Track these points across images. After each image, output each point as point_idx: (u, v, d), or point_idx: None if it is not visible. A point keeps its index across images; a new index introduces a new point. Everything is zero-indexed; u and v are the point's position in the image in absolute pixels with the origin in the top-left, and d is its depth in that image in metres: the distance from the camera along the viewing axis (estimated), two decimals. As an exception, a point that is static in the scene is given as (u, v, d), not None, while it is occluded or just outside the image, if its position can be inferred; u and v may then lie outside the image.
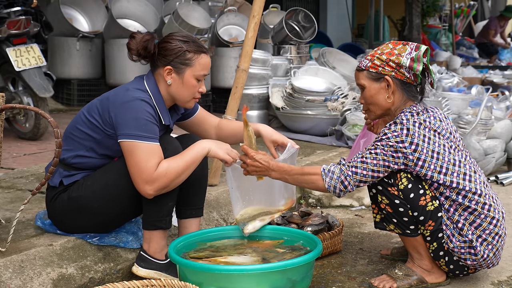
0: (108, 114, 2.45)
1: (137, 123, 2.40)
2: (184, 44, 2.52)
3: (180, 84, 2.53)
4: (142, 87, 2.51)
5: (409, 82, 2.53)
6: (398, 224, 2.53)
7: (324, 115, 5.66)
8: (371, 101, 2.59)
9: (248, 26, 3.58)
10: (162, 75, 2.53)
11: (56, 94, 6.73)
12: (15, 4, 4.88)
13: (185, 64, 2.51)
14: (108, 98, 2.50)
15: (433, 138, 2.45)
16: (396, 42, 2.59)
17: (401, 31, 12.44)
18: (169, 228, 2.55)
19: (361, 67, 2.59)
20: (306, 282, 2.36)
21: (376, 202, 2.59)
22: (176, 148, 2.50)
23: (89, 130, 2.51)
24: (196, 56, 2.53)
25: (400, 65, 2.50)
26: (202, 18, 7.20)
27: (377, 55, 2.55)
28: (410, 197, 2.46)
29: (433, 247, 2.51)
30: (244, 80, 3.60)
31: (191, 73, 2.53)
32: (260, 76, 6.06)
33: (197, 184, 2.67)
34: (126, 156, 2.41)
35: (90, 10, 7.49)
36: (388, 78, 2.52)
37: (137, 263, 2.54)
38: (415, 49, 2.51)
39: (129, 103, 2.42)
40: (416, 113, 2.51)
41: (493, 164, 4.68)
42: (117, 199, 2.50)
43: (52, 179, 2.55)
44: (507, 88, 8.45)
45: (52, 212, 2.60)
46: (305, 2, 12.75)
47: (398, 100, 2.55)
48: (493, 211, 2.48)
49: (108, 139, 2.49)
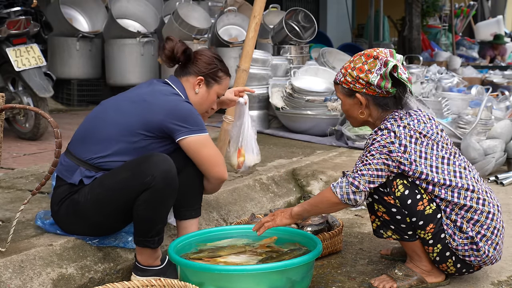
0: (156, 119, 2.50)
1: (196, 118, 2.56)
2: (219, 63, 2.73)
3: (206, 96, 2.72)
4: (176, 92, 2.62)
5: (382, 95, 2.53)
6: (396, 231, 2.53)
7: (324, 115, 5.66)
8: (347, 114, 2.66)
9: (249, 26, 3.58)
10: (192, 83, 2.68)
11: (56, 94, 6.73)
12: (15, 4, 4.87)
13: (215, 80, 2.72)
14: (145, 100, 2.54)
15: (420, 139, 2.46)
16: (369, 53, 2.54)
17: (401, 31, 12.45)
18: (158, 247, 2.52)
19: (336, 81, 2.62)
20: (305, 282, 2.36)
21: (372, 210, 2.58)
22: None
23: (119, 133, 2.51)
24: (224, 76, 2.77)
25: (369, 82, 2.49)
26: (202, 18, 7.20)
27: (349, 70, 2.54)
28: (407, 204, 2.46)
29: (438, 249, 2.51)
30: (245, 80, 3.60)
31: (217, 90, 2.75)
32: (260, 76, 6.06)
33: (194, 185, 2.67)
34: (196, 150, 2.55)
35: (90, 10, 7.49)
36: (358, 96, 2.53)
37: (134, 272, 2.55)
38: (384, 65, 2.47)
39: (181, 105, 2.55)
40: (399, 117, 2.51)
41: (493, 164, 4.68)
42: (108, 213, 2.48)
43: (72, 177, 2.52)
44: (507, 88, 8.46)
45: (58, 210, 2.56)
46: (305, 2, 12.75)
47: (374, 113, 2.57)
48: (487, 205, 2.48)
49: (144, 140, 2.52)
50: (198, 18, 7.15)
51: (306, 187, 4.05)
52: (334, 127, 5.53)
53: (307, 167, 4.32)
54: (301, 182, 4.11)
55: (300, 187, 4.08)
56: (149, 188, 2.38)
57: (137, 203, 2.40)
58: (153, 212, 2.43)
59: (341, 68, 2.61)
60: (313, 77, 6.25)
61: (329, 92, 5.90)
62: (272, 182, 3.91)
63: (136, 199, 2.40)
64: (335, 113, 5.60)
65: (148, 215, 2.42)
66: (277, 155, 4.76)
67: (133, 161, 2.47)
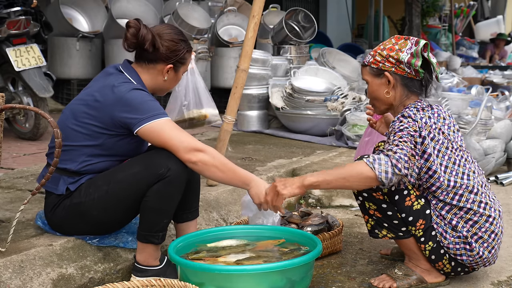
0: (108, 115, 2.43)
1: (147, 105, 2.42)
2: (184, 44, 2.59)
3: (173, 80, 2.64)
4: (127, 80, 2.50)
5: (410, 77, 2.54)
6: (390, 228, 2.53)
7: (324, 115, 5.66)
8: (373, 96, 2.62)
9: (248, 26, 3.58)
10: (160, 70, 2.57)
11: (56, 94, 6.73)
12: (15, 4, 4.87)
13: (182, 63, 2.62)
14: (97, 100, 2.46)
15: (437, 136, 2.46)
16: (399, 37, 2.59)
17: (401, 31, 12.45)
18: (161, 243, 2.53)
19: (364, 63, 2.62)
20: (305, 282, 2.36)
21: (364, 210, 2.58)
22: None
23: (83, 140, 2.48)
24: (188, 54, 2.64)
25: (399, 60, 2.51)
26: (202, 18, 7.20)
27: (379, 51, 2.57)
28: (395, 199, 2.47)
29: (429, 246, 2.51)
30: (244, 80, 3.60)
31: (183, 70, 2.66)
32: (260, 76, 6.06)
33: (191, 188, 2.67)
34: (154, 137, 2.40)
35: (90, 10, 7.49)
36: (387, 74, 2.53)
37: (133, 273, 2.55)
38: (415, 44, 2.51)
39: (128, 94, 2.42)
40: (421, 108, 2.51)
41: (493, 164, 4.68)
42: (117, 208, 2.49)
43: (57, 188, 2.52)
44: (507, 88, 8.46)
45: (52, 217, 2.58)
46: (305, 2, 12.74)
47: (399, 95, 2.56)
48: (489, 210, 2.48)
49: (110, 139, 2.48)
50: (198, 18, 7.15)
51: (306, 187, 4.05)
52: (334, 127, 5.53)
53: (307, 167, 4.32)
54: (301, 182, 4.10)
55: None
56: (163, 179, 2.39)
57: (148, 194, 2.42)
58: (163, 204, 2.44)
59: (370, 52, 2.64)
60: (313, 77, 6.26)
61: (329, 92, 5.91)
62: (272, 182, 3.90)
63: (147, 191, 2.41)
64: (335, 113, 5.60)
65: (158, 206, 2.43)
66: (277, 155, 4.76)
67: (142, 156, 2.49)
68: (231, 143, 4.33)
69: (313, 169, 4.25)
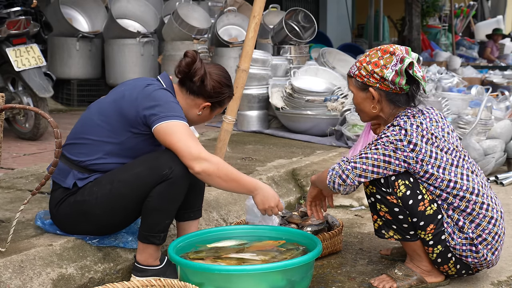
0: (134, 109, 2.46)
1: (170, 105, 2.47)
2: (228, 89, 2.67)
3: (206, 117, 2.71)
4: (159, 84, 2.57)
5: (395, 92, 2.52)
6: (398, 230, 2.53)
7: (324, 115, 5.66)
8: (358, 108, 2.64)
9: (248, 27, 3.58)
10: (198, 104, 2.63)
11: (56, 94, 6.74)
12: (15, 4, 4.88)
13: (220, 105, 2.70)
14: (125, 95, 2.51)
15: (431, 140, 2.45)
16: (386, 49, 2.53)
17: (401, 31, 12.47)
18: (162, 244, 2.53)
19: (350, 74, 2.61)
20: (305, 282, 2.36)
21: (374, 210, 2.58)
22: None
23: (105, 136, 2.50)
24: (228, 100, 2.73)
25: (383, 78, 2.49)
26: (202, 18, 7.20)
27: (364, 64, 2.53)
28: (409, 204, 2.46)
29: (438, 250, 2.50)
30: (244, 80, 3.59)
31: (217, 112, 2.73)
32: (260, 76, 6.06)
33: (195, 187, 2.67)
34: (166, 137, 2.42)
35: (90, 10, 7.50)
36: (371, 90, 2.53)
37: (133, 273, 2.55)
38: (400, 62, 2.47)
39: (156, 92, 2.48)
40: (412, 115, 2.50)
41: (493, 164, 4.68)
42: (120, 208, 2.49)
43: (65, 181, 2.53)
44: (507, 88, 8.46)
45: (56, 213, 2.58)
46: (305, 2, 12.76)
47: (386, 109, 2.57)
48: (491, 211, 2.48)
49: (133, 139, 2.50)
50: (198, 18, 7.16)
51: (306, 187, 4.05)
52: (334, 127, 5.53)
53: (307, 167, 4.32)
54: (301, 182, 4.10)
55: (300, 187, 4.08)
56: (166, 180, 2.41)
57: (151, 194, 2.43)
58: (166, 205, 2.45)
59: (356, 61, 2.61)
60: (313, 77, 6.25)
61: (329, 92, 5.91)
62: (272, 182, 3.91)
63: (150, 191, 2.42)
64: (335, 113, 5.60)
65: (160, 207, 2.44)
66: (277, 155, 4.76)
67: (146, 157, 2.49)
68: (231, 143, 4.33)
69: (313, 169, 4.25)
